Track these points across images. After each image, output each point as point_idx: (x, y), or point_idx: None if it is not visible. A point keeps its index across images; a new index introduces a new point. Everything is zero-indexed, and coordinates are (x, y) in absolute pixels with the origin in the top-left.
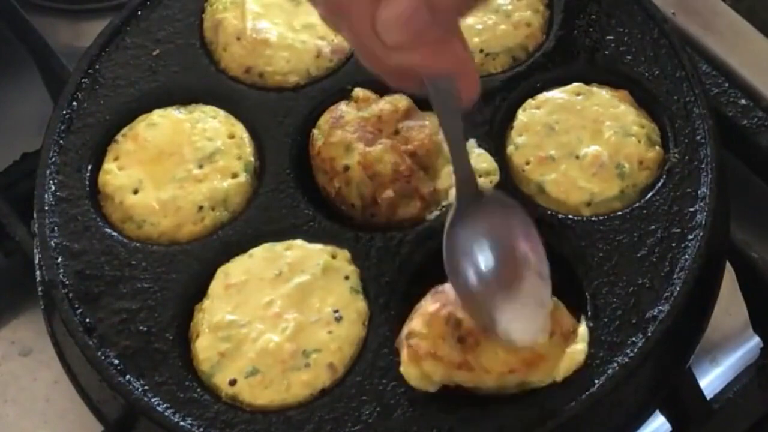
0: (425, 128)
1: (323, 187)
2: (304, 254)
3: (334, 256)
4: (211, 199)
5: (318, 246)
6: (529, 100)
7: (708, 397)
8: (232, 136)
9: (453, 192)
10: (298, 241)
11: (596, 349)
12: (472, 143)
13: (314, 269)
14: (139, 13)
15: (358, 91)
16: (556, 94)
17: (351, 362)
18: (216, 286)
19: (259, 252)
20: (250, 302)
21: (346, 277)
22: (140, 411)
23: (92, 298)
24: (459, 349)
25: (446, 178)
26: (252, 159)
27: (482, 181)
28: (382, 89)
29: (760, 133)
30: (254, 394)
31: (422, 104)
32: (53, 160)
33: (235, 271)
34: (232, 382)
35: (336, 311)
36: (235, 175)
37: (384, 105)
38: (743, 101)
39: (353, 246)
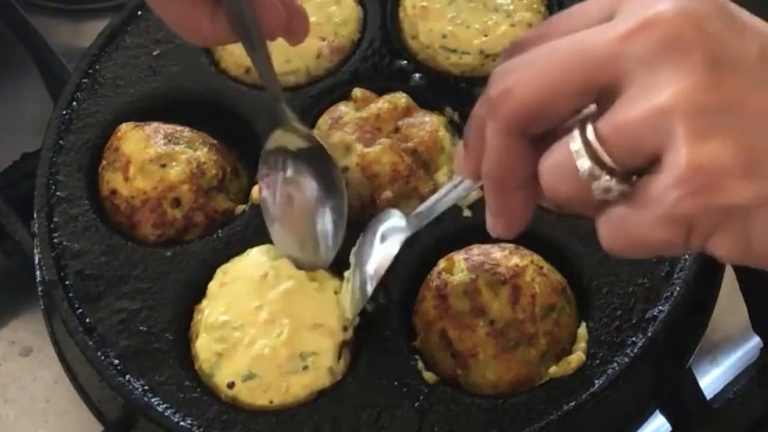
0: (426, 125)
1: None
2: (291, 271)
3: (313, 279)
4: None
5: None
6: None
7: (708, 397)
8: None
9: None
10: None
11: (596, 349)
12: None
13: (302, 279)
14: (139, 13)
15: (357, 91)
16: None
17: (351, 362)
18: (213, 286)
19: (255, 253)
20: (245, 303)
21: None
22: (140, 411)
23: (92, 298)
24: (451, 363)
25: (446, 175)
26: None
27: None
28: (381, 89)
29: None
30: (253, 396)
31: (422, 102)
32: (53, 160)
33: (231, 270)
34: (230, 385)
35: (326, 313)
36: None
37: (383, 104)
38: None
39: (353, 246)
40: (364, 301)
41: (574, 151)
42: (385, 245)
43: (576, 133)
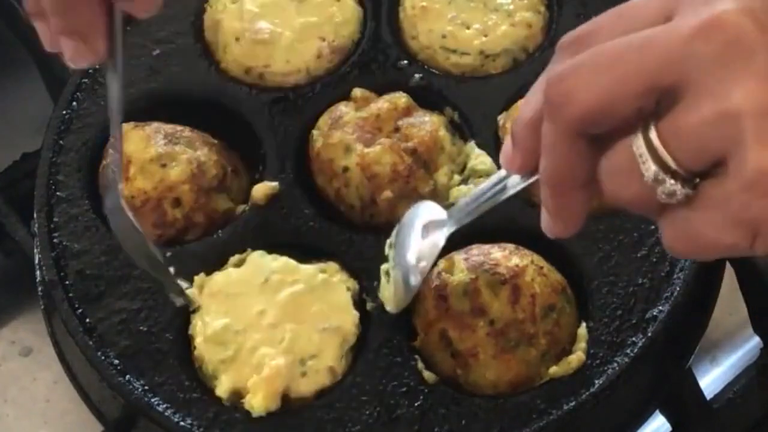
0: (426, 125)
1: (323, 187)
2: (297, 274)
3: (323, 271)
4: None
5: (309, 267)
6: None
7: (708, 397)
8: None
9: (454, 190)
10: (292, 262)
11: (596, 349)
12: (472, 144)
13: (310, 281)
14: None
15: (357, 91)
16: None
17: (351, 363)
18: (207, 292)
19: (254, 257)
20: (247, 308)
21: (347, 288)
22: (140, 411)
23: (92, 298)
24: (451, 363)
25: (446, 175)
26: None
27: (482, 181)
28: (381, 89)
29: None
30: (255, 397)
31: (422, 102)
32: (53, 160)
33: (221, 279)
34: (231, 388)
35: (335, 313)
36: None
37: (383, 103)
38: None
39: (353, 246)
40: (410, 295)
41: (637, 155)
42: (429, 239)
43: (639, 135)
